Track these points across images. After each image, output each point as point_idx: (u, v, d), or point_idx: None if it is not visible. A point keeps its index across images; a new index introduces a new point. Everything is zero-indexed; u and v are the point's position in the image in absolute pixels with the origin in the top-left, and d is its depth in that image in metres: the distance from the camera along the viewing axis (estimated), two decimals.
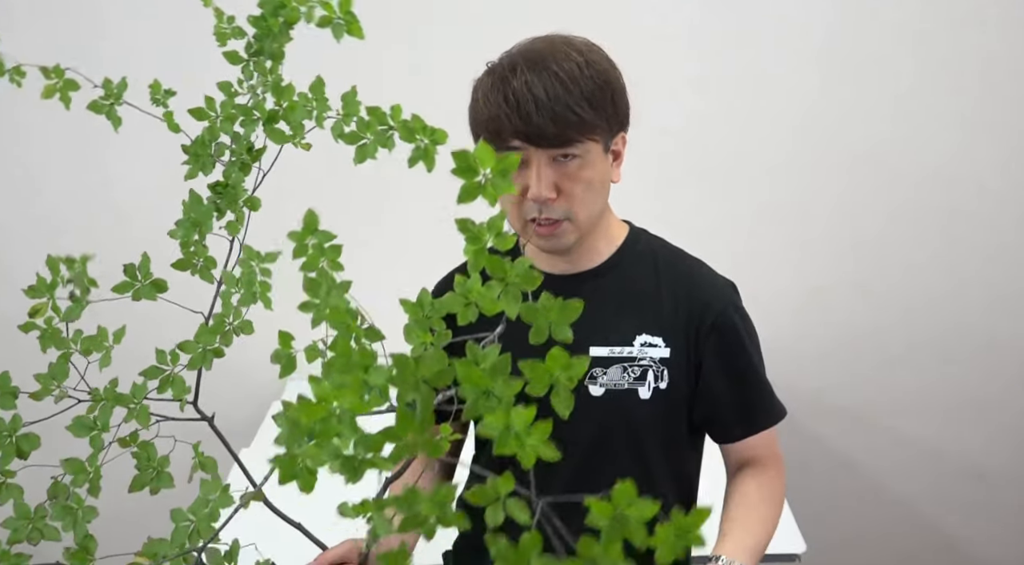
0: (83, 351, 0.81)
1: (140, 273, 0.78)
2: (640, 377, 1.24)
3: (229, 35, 0.76)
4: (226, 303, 0.77)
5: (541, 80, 1.10)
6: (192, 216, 0.79)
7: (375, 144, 0.69)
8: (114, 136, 2.37)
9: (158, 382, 0.79)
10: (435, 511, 0.46)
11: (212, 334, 0.77)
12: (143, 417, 0.77)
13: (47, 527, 0.74)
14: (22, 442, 0.75)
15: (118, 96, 0.78)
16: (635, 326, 1.24)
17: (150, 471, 0.77)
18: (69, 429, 0.76)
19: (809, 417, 2.43)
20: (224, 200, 0.79)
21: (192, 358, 0.78)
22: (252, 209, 0.79)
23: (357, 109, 0.70)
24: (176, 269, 0.80)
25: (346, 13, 0.63)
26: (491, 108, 1.12)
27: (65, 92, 0.75)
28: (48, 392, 0.78)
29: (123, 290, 0.78)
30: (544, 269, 1.27)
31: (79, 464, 0.74)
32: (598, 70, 1.13)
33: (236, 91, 0.78)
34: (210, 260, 0.81)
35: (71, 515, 0.72)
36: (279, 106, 0.77)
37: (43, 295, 0.80)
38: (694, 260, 1.30)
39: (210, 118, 0.80)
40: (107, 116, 0.78)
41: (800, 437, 2.43)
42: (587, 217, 1.18)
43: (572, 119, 1.10)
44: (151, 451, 0.78)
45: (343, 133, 0.71)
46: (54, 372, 0.78)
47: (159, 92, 0.79)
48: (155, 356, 0.79)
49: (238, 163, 0.80)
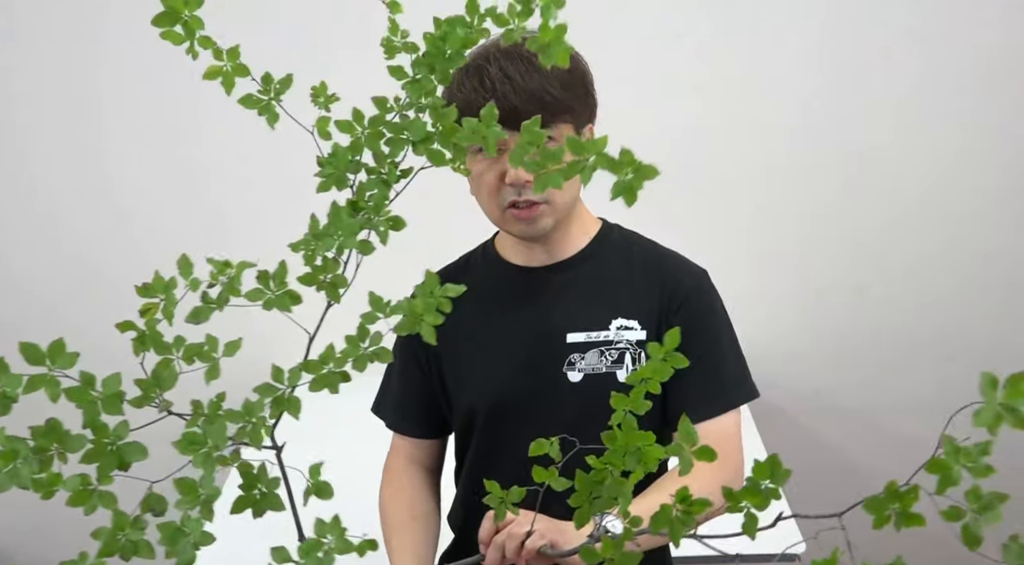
0: (185, 359, 0.75)
1: (275, 282, 0.73)
2: (618, 360, 1.28)
3: (400, 49, 0.74)
4: (363, 327, 0.73)
5: (515, 65, 1.17)
6: (337, 231, 0.75)
7: (561, 173, 0.67)
8: (114, 136, 2.31)
9: (271, 401, 0.74)
10: None
11: (344, 357, 0.73)
12: (256, 437, 0.72)
13: (143, 543, 0.67)
14: (126, 451, 0.69)
15: (278, 93, 0.74)
16: (610, 311, 1.29)
17: (255, 492, 0.72)
18: (176, 445, 0.70)
19: (809, 417, 2.43)
20: (369, 218, 0.76)
21: (315, 379, 0.73)
22: (395, 229, 0.75)
23: (540, 138, 0.68)
24: (302, 283, 0.76)
25: (558, 38, 0.62)
26: (467, 93, 1.18)
27: (231, 77, 0.71)
28: (149, 399, 0.72)
29: (255, 297, 0.73)
30: (521, 262, 1.34)
31: (191, 484, 0.68)
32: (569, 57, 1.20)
33: (391, 107, 0.76)
34: (340, 278, 0.77)
35: (181, 538, 0.66)
36: (435, 127, 0.75)
37: (157, 295, 0.74)
38: (667, 250, 1.36)
39: (354, 133, 0.77)
40: (260, 112, 0.74)
41: (800, 437, 2.42)
42: (563, 201, 1.24)
43: (547, 99, 1.17)
44: (261, 473, 0.72)
45: (523, 161, 0.69)
46: (159, 378, 0.72)
47: (323, 94, 0.76)
48: (271, 373, 0.74)
49: (378, 181, 0.77)
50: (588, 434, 1.27)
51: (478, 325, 1.33)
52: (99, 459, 0.68)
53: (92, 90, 2.20)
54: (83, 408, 0.69)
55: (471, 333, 1.33)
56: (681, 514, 0.67)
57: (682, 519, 0.67)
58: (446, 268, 1.41)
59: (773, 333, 2.38)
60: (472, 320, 1.31)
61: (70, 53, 2.16)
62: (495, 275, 1.36)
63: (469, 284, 1.30)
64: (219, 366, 0.75)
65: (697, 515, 0.68)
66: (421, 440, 1.44)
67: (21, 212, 2.26)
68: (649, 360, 0.72)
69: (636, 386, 0.74)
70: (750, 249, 2.33)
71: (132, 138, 2.24)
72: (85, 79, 2.20)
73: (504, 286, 1.35)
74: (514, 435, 1.21)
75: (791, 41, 2.19)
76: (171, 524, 0.66)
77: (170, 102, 2.18)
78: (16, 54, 2.17)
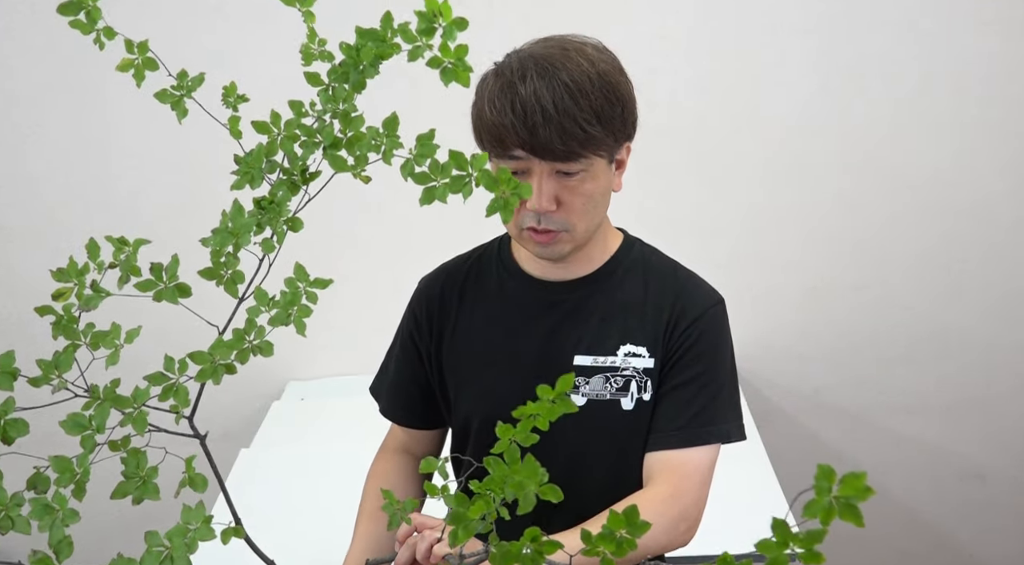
0: (91, 345, 0.77)
1: (167, 274, 0.75)
2: (623, 388, 1.23)
3: (316, 56, 0.76)
4: (250, 321, 0.75)
5: (550, 90, 1.07)
6: (230, 227, 0.77)
7: (447, 188, 0.68)
8: (114, 136, 2.35)
9: (160, 389, 0.75)
10: None
11: (228, 348, 0.74)
12: (140, 423, 0.74)
13: (19, 518, 0.69)
14: (10, 427, 0.71)
15: (190, 90, 0.76)
16: (620, 336, 1.23)
17: (136, 480, 0.73)
18: (62, 425, 0.72)
19: (809, 417, 2.42)
20: (267, 216, 0.78)
21: (202, 370, 0.75)
22: (293, 230, 0.77)
23: (433, 151, 0.70)
24: (203, 278, 0.78)
25: (459, 59, 0.63)
26: (496, 115, 1.09)
27: (141, 70, 0.73)
28: (47, 380, 0.75)
29: (145, 289, 0.75)
30: (537, 274, 1.27)
31: (67, 462, 0.70)
32: (608, 82, 1.11)
33: (306, 112, 0.78)
34: (238, 274, 0.79)
35: (50, 515, 0.68)
36: (344, 134, 0.77)
37: (71, 279, 0.76)
38: (685, 271, 1.29)
39: (271, 134, 0.79)
40: (172, 106, 0.76)
41: (800, 437, 2.41)
42: (585, 229, 1.17)
43: (579, 135, 1.08)
44: (141, 459, 0.74)
45: (413, 172, 0.71)
46: (58, 361, 0.75)
47: (233, 94, 0.78)
48: (163, 363, 0.76)
49: (287, 182, 0.79)
50: (586, 459, 1.27)
51: (485, 332, 1.28)
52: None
53: (93, 90, 2.23)
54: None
55: (477, 339, 1.29)
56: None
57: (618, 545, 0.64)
58: (457, 262, 1.36)
59: (772, 332, 2.38)
60: (480, 325, 1.28)
61: (71, 52, 2.18)
62: (509, 284, 1.29)
63: (483, 287, 1.31)
64: (119, 353, 0.77)
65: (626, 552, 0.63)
66: (413, 430, 1.39)
67: (21, 212, 2.28)
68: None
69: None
70: (749, 248, 2.32)
71: (132, 138, 2.27)
72: (86, 78, 2.22)
73: (516, 296, 1.28)
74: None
75: (791, 41, 2.18)
76: (41, 499, 0.68)
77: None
78: (16, 54, 2.19)
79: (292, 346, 2.42)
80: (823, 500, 0.51)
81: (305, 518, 1.87)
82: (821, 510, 0.51)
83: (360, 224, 2.32)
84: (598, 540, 0.63)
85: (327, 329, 2.39)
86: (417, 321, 1.34)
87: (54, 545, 0.68)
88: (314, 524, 1.82)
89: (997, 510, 2.54)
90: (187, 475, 0.74)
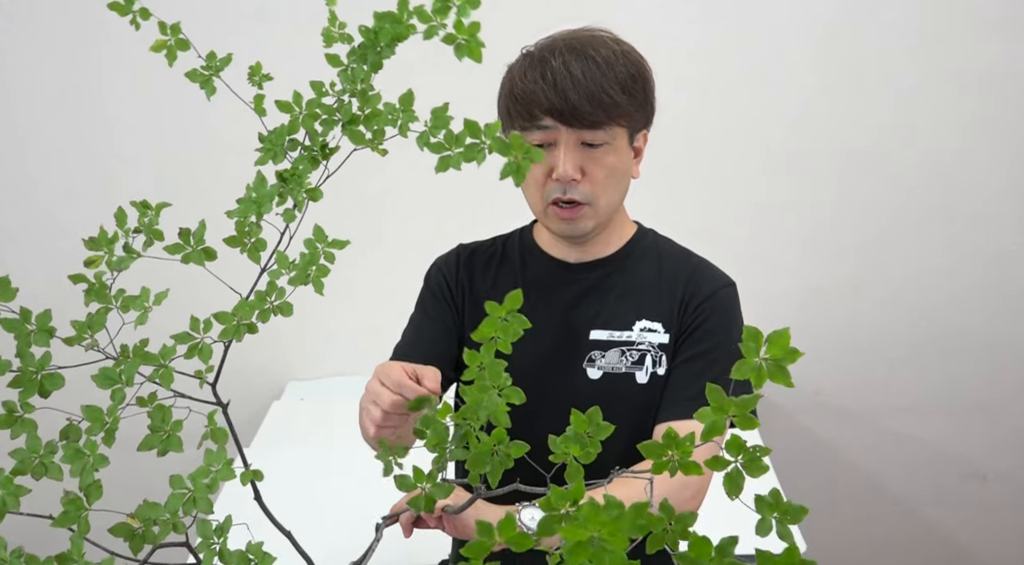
0: (122, 308, 0.82)
1: (194, 238, 0.80)
2: (638, 361, 1.28)
3: (336, 39, 0.81)
4: (271, 283, 0.80)
5: (579, 62, 1.17)
6: (254, 196, 0.82)
7: (460, 157, 0.73)
8: (114, 137, 2.37)
9: (186, 348, 0.80)
10: None
11: (250, 309, 0.79)
12: (167, 378, 0.78)
13: (52, 465, 0.73)
14: (47, 380, 0.75)
15: (219, 69, 0.81)
16: (636, 312, 1.30)
17: (161, 433, 0.78)
18: (94, 379, 0.76)
19: (809, 417, 2.45)
20: (288, 187, 0.82)
21: (225, 329, 0.79)
22: (313, 199, 0.82)
23: (447, 122, 0.74)
24: (227, 245, 0.82)
25: (471, 36, 0.68)
26: (527, 84, 1.19)
27: (173, 51, 0.78)
28: (81, 339, 0.79)
29: (175, 251, 0.79)
30: (558, 256, 1.35)
31: (97, 412, 0.74)
32: (633, 59, 1.22)
33: (326, 91, 0.82)
34: (260, 242, 0.83)
35: (81, 459, 0.72)
36: (362, 111, 0.82)
37: (101, 248, 0.81)
38: (698, 256, 1.37)
39: (293, 113, 0.84)
40: (202, 85, 0.81)
41: (800, 437, 2.44)
42: (607, 204, 1.25)
43: (606, 100, 1.17)
44: (166, 414, 0.78)
45: (428, 142, 0.75)
46: (91, 321, 0.79)
47: (258, 73, 0.83)
48: (188, 323, 0.80)
49: (308, 156, 0.84)
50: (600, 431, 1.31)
51: None
52: (23, 384, 0.75)
53: (94, 89, 2.26)
54: (17, 338, 0.77)
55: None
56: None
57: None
58: (479, 243, 1.41)
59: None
60: (502, 296, 1.29)
61: (71, 53, 2.22)
62: (533, 264, 1.36)
63: (511, 270, 1.37)
64: (147, 314, 0.81)
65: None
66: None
67: (21, 212, 2.31)
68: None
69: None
70: (750, 248, 2.35)
71: (132, 139, 2.30)
72: (86, 78, 2.25)
73: (540, 276, 1.35)
74: (525, 423, 1.18)
75: (792, 41, 2.21)
76: (73, 445, 0.72)
77: (169, 102, 2.24)
78: (16, 54, 2.23)
79: (292, 346, 2.47)
80: (751, 361, 0.53)
81: (305, 518, 1.89)
82: (752, 372, 0.53)
83: (360, 227, 2.35)
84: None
85: (327, 329, 2.44)
86: (447, 280, 1.39)
87: (84, 488, 0.72)
88: (314, 524, 1.84)
89: (998, 510, 2.55)
90: (209, 427, 0.78)
